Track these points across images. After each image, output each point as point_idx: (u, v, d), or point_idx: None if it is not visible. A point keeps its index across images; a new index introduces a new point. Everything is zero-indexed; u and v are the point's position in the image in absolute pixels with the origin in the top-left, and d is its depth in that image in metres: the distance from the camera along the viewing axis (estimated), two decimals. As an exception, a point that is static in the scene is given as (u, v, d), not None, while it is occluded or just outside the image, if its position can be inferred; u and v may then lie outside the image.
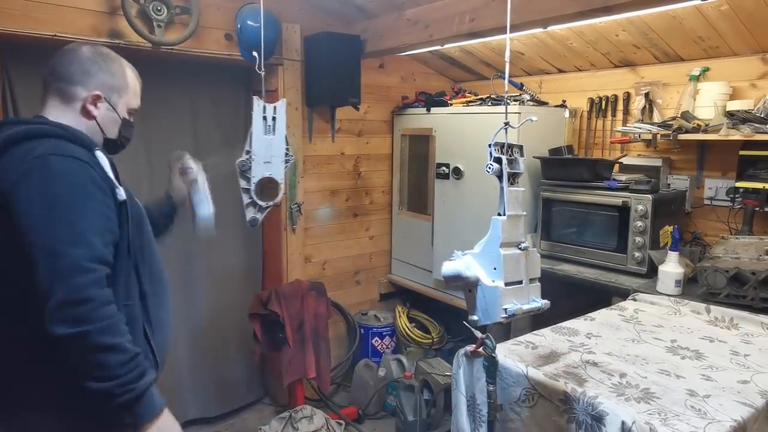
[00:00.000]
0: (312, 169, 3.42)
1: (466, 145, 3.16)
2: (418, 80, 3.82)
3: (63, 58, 1.37)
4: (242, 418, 3.34)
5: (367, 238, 3.78)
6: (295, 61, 3.18)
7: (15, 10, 2.30)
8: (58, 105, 1.36)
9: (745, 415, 1.29)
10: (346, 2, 3.07)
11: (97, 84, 1.37)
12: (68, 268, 1.13)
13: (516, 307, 1.28)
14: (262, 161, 1.97)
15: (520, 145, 1.38)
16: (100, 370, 1.14)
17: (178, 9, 2.64)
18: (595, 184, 2.70)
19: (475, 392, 1.62)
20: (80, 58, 1.37)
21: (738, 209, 2.55)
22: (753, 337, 1.79)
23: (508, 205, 1.31)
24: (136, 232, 1.36)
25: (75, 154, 1.23)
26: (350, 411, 3.28)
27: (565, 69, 3.28)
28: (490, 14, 2.40)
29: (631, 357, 1.62)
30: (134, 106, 1.48)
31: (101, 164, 1.29)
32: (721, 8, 2.28)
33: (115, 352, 1.15)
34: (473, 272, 1.32)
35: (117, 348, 1.16)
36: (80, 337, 1.12)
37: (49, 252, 1.14)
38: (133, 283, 1.34)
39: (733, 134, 2.35)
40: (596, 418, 1.34)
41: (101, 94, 1.38)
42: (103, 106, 1.39)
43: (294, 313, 3.00)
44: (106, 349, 1.14)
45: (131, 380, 1.17)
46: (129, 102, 1.46)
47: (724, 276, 2.05)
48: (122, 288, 1.30)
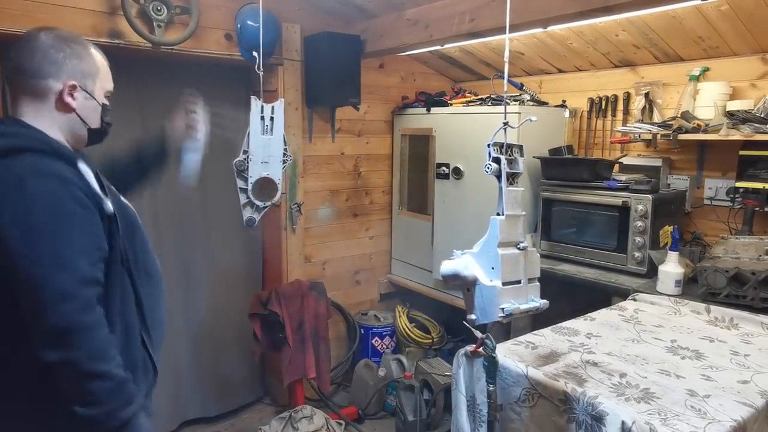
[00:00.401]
0: (312, 169, 3.42)
1: (466, 145, 3.16)
2: (418, 80, 3.82)
3: (23, 50, 1.24)
4: (242, 418, 3.34)
5: (367, 238, 3.78)
6: (295, 61, 3.18)
7: (15, 10, 2.30)
8: (31, 103, 1.25)
9: (745, 415, 1.29)
10: (346, 2, 3.07)
11: (68, 73, 1.26)
12: (54, 296, 1.09)
13: (513, 307, 1.28)
14: (259, 161, 1.96)
15: (519, 145, 1.38)
16: (88, 397, 1.12)
17: (178, 9, 2.64)
18: (595, 184, 2.70)
19: (475, 392, 1.62)
20: (42, 48, 1.24)
21: (738, 209, 2.55)
22: (753, 337, 1.79)
23: (507, 205, 1.31)
24: (128, 240, 1.31)
25: (55, 172, 1.16)
26: (350, 411, 3.28)
27: (565, 69, 3.28)
28: (490, 14, 2.40)
29: (631, 357, 1.62)
30: (110, 89, 1.38)
31: (85, 178, 1.22)
32: (721, 8, 2.28)
33: (103, 379, 1.13)
34: (471, 272, 1.32)
35: (105, 375, 1.13)
36: (68, 363, 1.10)
37: (32, 281, 1.09)
38: (129, 292, 1.31)
39: (733, 134, 2.35)
40: (596, 418, 1.34)
41: (76, 83, 1.27)
42: (80, 96, 1.28)
43: (294, 313, 3.00)
44: (94, 377, 1.12)
45: (118, 407, 1.15)
46: (104, 85, 1.35)
47: (724, 276, 2.05)
48: (117, 299, 1.26)
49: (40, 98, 1.25)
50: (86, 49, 1.31)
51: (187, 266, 3.13)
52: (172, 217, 3.04)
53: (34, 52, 1.24)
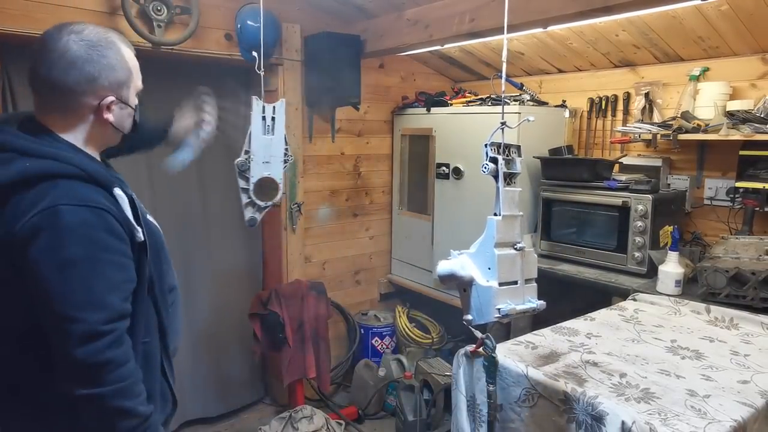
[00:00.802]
0: (312, 169, 3.42)
1: (466, 145, 3.16)
2: (418, 80, 3.82)
3: (54, 63, 1.14)
4: (242, 418, 3.34)
5: (367, 238, 3.78)
6: (295, 61, 3.18)
7: (15, 10, 2.30)
8: (64, 118, 1.19)
9: (745, 415, 1.29)
10: (346, 2, 3.07)
11: (105, 86, 1.19)
12: (85, 334, 1.07)
13: (509, 307, 1.28)
14: (260, 161, 1.97)
15: (517, 145, 1.38)
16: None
17: (178, 9, 2.64)
18: (595, 184, 2.70)
19: (475, 392, 1.62)
20: (74, 60, 1.14)
21: (738, 209, 2.55)
22: (753, 337, 1.79)
23: (504, 206, 1.31)
24: (154, 264, 1.27)
25: (89, 201, 1.10)
26: (350, 411, 3.28)
27: (564, 69, 3.28)
28: (490, 14, 2.40)
29: (631, 357, 1.62)
30: (140, 87, 1.31)
31: (120, 205, 1.17)
32: (721, 8, 2.28)
33: (129, 416, 1.12)
34: (468, 272, 1.32)
35: (131, 412, 1.12)
36: (96, 398, 1.08)
37: (63, 318, 1.07)
38: (152, 318, 1.29)
39: (733, 134, 2.35)
40: (596, 418, 1.34)
41: (113, 97, 1.20)
42: (116, 108, 1.22)
43: (294, 313, 3.00)
44: (121, 413, 1.11)
45: None
46: (136, 85, 1.29)
47: (724, 276, 2.04)
48: (142, 325, 1.23)
49: (74, 114, 1.19)
50: (118, 52, 1.22)
51: (187, 266, 3.12)
52: (172, 217, 3.04)
53: (68, 67, 1.15)
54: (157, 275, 1.29)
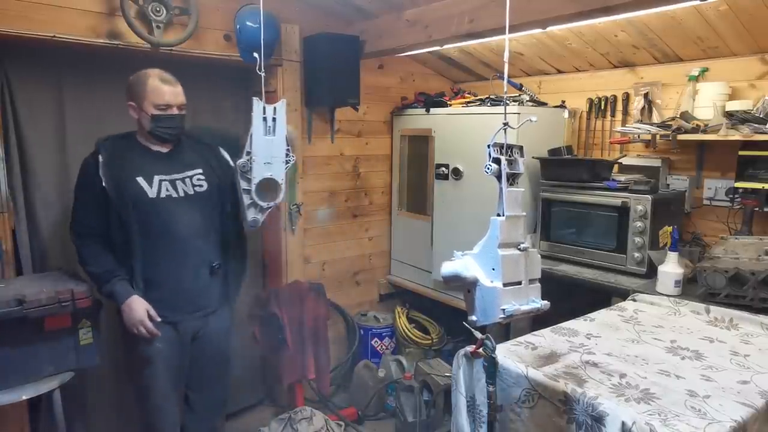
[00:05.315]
0: (311, 169, 3.42)
1: (466, 145, 3.16)
2: (417, 81, 3.82)
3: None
4: (242, 420, 3.33)
5: (366, 239, 3.78)
6: (294, 61, 3.17)
7: (14, 11, 2.30)
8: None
9: (745, 415, 1.29)
10: (345, 3, 3.07)
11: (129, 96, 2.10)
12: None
13: (514, 308, 1.28)
14: (262, 162, 1.97)
15: (520, 145, 1.37)
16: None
17: (177, 10, 2.63)
18: (594, 184, 2.70)
19: (475, 393, 1.62)
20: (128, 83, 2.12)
21: (737, 209, 2.55)
22: (753, 338, 1.79)
23: (507, 206, 1.31)
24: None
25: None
26: (350, 412, 3.28)
27: (564, 69, 3.28)
28: (489, 15, 2.40)
29: (630, 357, 1.62)
30: (158, 102, 2.05)
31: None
32: (720, 8, 2.28)
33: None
34: (472, 273, 1.32)
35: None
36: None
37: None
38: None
39: (733, 134, 2.35)
40: (596, 418, 1.34)
41: (134, 103, 2.08)
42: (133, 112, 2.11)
43: (293, 314, 3.00)
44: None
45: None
46: (152, 101, 2.05)
47: (724, 276, 2.05)
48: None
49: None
50: (143, 80, 2.07)
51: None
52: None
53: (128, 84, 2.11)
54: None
